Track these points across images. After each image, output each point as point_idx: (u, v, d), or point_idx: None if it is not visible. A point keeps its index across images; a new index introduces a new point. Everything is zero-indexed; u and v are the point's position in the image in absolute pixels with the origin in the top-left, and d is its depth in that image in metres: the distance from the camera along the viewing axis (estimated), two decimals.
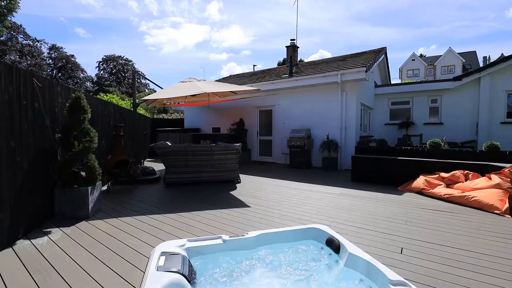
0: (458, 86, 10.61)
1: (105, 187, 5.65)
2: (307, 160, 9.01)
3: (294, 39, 12.29)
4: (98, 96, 7.87)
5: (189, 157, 6.15)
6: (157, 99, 7.81)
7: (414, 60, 55.39)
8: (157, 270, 2.05)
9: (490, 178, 4.75)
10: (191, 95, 8.06)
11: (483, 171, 5.16)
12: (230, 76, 16.43)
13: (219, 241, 2.67)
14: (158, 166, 8.66)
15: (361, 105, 9.49)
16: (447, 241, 3.06)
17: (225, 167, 6.44)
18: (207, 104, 11.06)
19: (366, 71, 7.92)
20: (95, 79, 42.90)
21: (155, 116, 21.38)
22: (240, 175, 6.93)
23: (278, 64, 36.49)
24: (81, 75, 40.67)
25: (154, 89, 42.42)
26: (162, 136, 12.44)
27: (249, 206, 4.44)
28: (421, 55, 59.77)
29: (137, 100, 7.88)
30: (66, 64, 38.11)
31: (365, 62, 8.87)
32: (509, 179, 4.54)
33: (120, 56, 45.39)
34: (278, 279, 2.37)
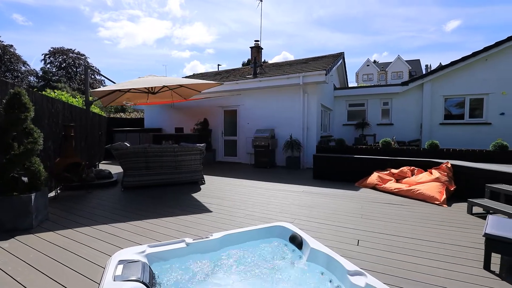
0: (405, 90, 11.73)
1: (53, 193, 5.11)
2: (272, 160, 9.18)
3: (258, 40, 12.44)
4: (44, 92, 7.08)
5: (149, 158, 5.85)
6: (113, 95, 7.29)
7: (368, 65, 59.88)
8: (114, 280, 1.91)
9: (431, 173, 5.34)
10: (152, 94, 7.69)
11: (426, 167, 5.77)
12: (194, 74, 16.04)
13: (182, 244, 2.58)
14: (116, 169, 8.10)
15: (321, 106, 9.97)
16: (397, 231, 3.36)
17: (188, 168, 6.26)
18: (170, 103, 10.64)
19: (326, 74, 8.34)
20: (41, 73, 38.49)
21: (112, 115, 19.94)
22: (205, 176, 6.80)
23: (243, 65, 36.60)
24: (23, 68, 36.12)
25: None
26: (120, 137, 11.67)
27: (214, 208, 4.38)
28: (374, 61, 64.80)
29: (90, 98, 7.26)
30: (3, 55, 33.55)
31: (325, 65, 9.34)
32: (445, 173, 5.15)
33: (71, 49, 41.32)
34: (243, 279, 2.37)
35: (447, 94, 11.12)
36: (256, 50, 12.40)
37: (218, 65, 17.20)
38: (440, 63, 47.21)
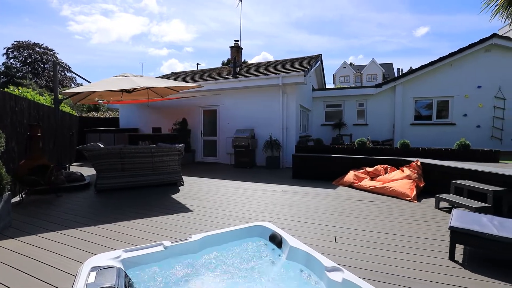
0: (379, 92, 12.27)
1: (17, 198, 4.76)
2: (252, 160, 9.20)
3: (238, 40, 12.41)
4: (6, 89, 6.54)
5: (125, 159, 5.63)
6: (83, 93, 6.93)
7: (345, 67, 61.90)
8: None
9: (403, 171, 5.63)
10: (127, 92, 7.41)
11: (398, 165, 6.07)
12: (172, 73, 15.66)
13: (160, 248, 2.52)
14: (89, 171, 7.71)
15: (300, 107, 10.15)
16: (372, 227, 3.51)
17: (166, 169, 6.11)
18: (146, 102, 10.31)
19: (305, 75, 8.51)
20: (2, 68, 35.62)
21: (84, 115, 18.93)
22: (184, 177, 6.67)
23: (222, 64, 36.32)
24: None
25: (83, 84, 37.51)
26: (93, 137, 11.12)
27: (193, 209, 4.31)
28: (351, 64, 67.07)
29: (60, 96, 6.85)
30: None
31: (303, 67, 9.52)
32: (415, 171, 5.46)
33: (38, 43, 38.60)
34: (224, 280, 2.36)
35: (416, 96, 11.79)
36: (236, 50, 12.37)
37: (197, 64, 16.93)
38: (411, 67, 49.97)
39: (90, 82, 7.68)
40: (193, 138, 10.80)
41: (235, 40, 12.36)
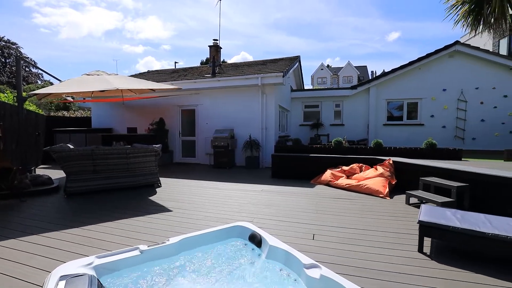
0: (354, 93, 12.74)
1: None
2: (231, 160, 9.16)
3: (217, 39, 12.30)
4: None
5: (98, 161, 5.37)
6: (52, 93, 6.52)
7: (322, 69, 63.55)
8: None
9: (376, 169, 5.88)
10: (99, 91, 7.07)
11: (372, 163, 6.34)
12: (148, 71, 15.17)
13: (136, 252, 2.43)
14: (58, 174, 7.26)
15: (279, 107, 10.26)
16: (347, 224, 3.63)
17: (143, 170, 5.91)
18: (120, 101, 9.89)
19: (283, 76, 8.62)
20: None
21: (52, 114, 17.78)
22: (161, 178, 6.49)
23: (201, 63, 35.78)
24: None
25: (51, 81, 35.17)
26: (62, 138, 10.48)
27: (171, 211, 4.20)
28: (328, 66, 68.99)
29: (24, 94, 6.37)
30: None
31: (282, 68, 9.64)
32: (388, 169, 5.73)
33: None
34: (203, 282, 2.33)
35: (389, 98, 12.39)
36: (215, 49, 12.25)
37: (175, 62, 16.58)
38: (384, 70, 52.44)
39: (59, 80, 7.23)
40: (171, 139, 10.54)
41: (214, 40, 12.24)
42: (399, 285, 2.20)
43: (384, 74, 12.33)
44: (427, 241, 2.94)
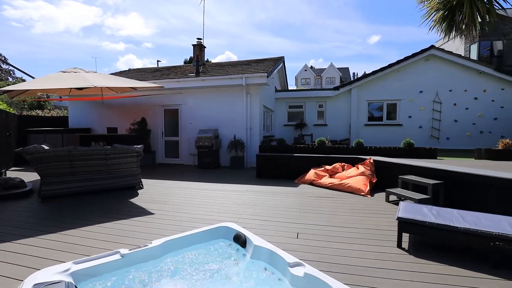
0: (337, 94, 13.03)
1: None
2: (216, 160, 9.09)
3: (201, 38, 12.16)
4: None
5: (75, 162, 5.15)
6: (26, 90, 6.18)
7: (306, 70, 64.52)
8: None
9: (358, 168, 6.05)
10: (77, 88, 6.79)
11: (354, 163, 6.51)
12: (130, 70, 14.73)
13: (117, 256, 2.35)
14: (32, 176, 6.89)
15: (264, 107, 10.31)
16: (330, 222, 3.71)
17: (124, 172, 5.73)
18: (100, 99, 9.54)
19: (268, 77, 8.67)
20: None
21: (25, 113, 16.82)
22: (143, 180, 6.33)
23: (185, 62, 35.22)
24: None
25: (23, 78, 33.25)
26: (37, 138, 9.94)
27: (153, 213, 4.11)
28: (311, 67, 70.15)
29: None
30: None
31: (266, 68, 9.68)
32: (369, 168, 5.91)
33: None
34: (188, 284, 2.30)
35: (369, 99, 12.79)
36: (199, 48, 12.10)
37: (158, 61, 16.21)
38: (365, 71, 54.05)
39: (32, 77, 6.87)
40: (154, 139, 10.30)
41: (198, 38, 12.09)
42: (379, 280, 2.28)
43: (365, 76, 12.71)
44: (406, 237, 3.06)
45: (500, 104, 11.51)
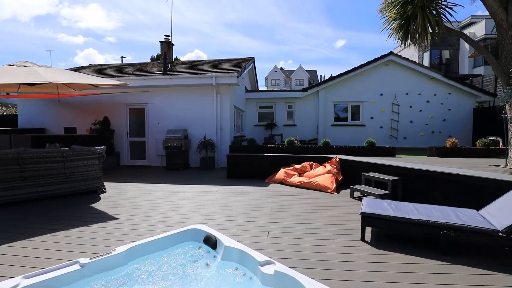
0: (305, 96, 13.46)
1: None
2: (185, 161, 8.86)
3: (169, 35, 11.75)
4: None
5: (26, 166, 4.68)
6: None
7: (276, 71, 65.60)
8: None
9: (325, 166, 6.31)
10: (28, 85, 6.17)
11: (321, 161, 6.77)
12: (90, 65, 13.74)
13: (75, 267, 2.18)
14: None
15: (234, 108, 10.28)
16: (299, 219, 3.82)
17: (83, 175, 5.33)
18: (56, 97, 8.76)
19: (238, 77, 8.65)
20: None
21: None
22: (106, 183, 5.95)
23: (152, 60, 33.79)
24: None
25: None
26: None
27: (118, 218, 3.88)
28: (281, 68, 71.41)
29: None
30: None
31: (236, 68, 9.67)
32: (335, 166, 6.19)
33: None
34: None
35: (335, 101, 13.41)
36: (167, 45, 11.68)
37: (122, 57, 15.35)
38: (331, 74, 56.53)
39: None
40: (118, 139, 9.72)
41: (165, 35, 11.66)
42: (344, 273, 2.40)
43: (331, 78, 13.30)
44: (368, 230, 3.26)
45: (447, 107, 12.78)
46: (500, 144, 9.32)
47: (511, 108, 6.40)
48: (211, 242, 2.73)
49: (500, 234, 2.53)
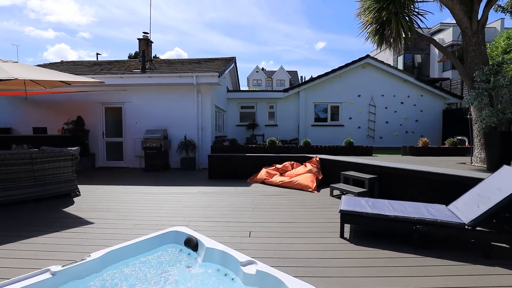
0: (286, 96, 13.63)
1: None
2: (165, 162, 8.66)
3: (147, 33, 11.43)
4: None
5: None
6: None
7: (257, 72, 65.83)
8: None
9: (306, 166, 6.43)
10: None
11: (302, 161, 6.89)
12: (63, 62, 13.03)
13: (46, 275, 2.06)
14: None
15: (215, 107, 10.19)
16: (281, 218, 3.86)
17: (55, 178, 5.05)
18: (23, 95, 8.20)
19: (219, 76, 8.59)
20: None
21: None
22: (80, 186, 5.67)
23: (129, 57, 32.64)
24: None
25: None
26: None
27: (93, 223, 3.71)
28: (263, 69, 71.80)
29: None
30: None
31: (218, 67, 9.59)
32: (315, 165, 6.33)
33: None
34: None
35: (316, 101, 13.70)
36: (145, 43, 11.35)
37: (97, 54, 14.70)
38: (312, 75, 57.56)
39: None
40: (93, 140, 9.30)
41: (144, 32, 11.33)
42: (324, 269, 2.46)
43: (312, 79, 13.58)
44: (347, 227, 3.37)
45: (420, 108, 13.49)
46: (466, 143, 10.00)
47: (475, 110, 6.87)
48: (192, 244, 2.69)
49: (466, 227, 2.72)
